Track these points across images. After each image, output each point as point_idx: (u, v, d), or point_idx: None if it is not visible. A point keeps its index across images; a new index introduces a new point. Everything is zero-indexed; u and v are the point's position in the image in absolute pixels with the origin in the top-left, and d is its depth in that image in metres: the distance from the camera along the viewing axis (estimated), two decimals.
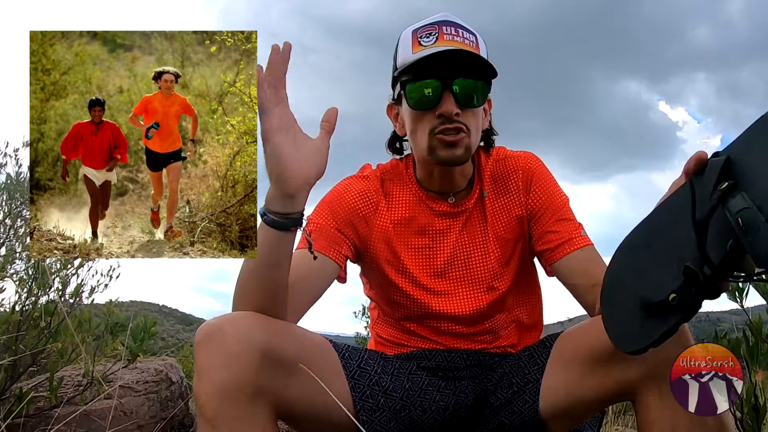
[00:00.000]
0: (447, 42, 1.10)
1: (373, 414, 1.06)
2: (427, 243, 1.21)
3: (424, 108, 1.12)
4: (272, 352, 0.92)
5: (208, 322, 0.93)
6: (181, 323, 35.20)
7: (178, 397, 2.33)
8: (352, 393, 1.06)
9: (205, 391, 0.87)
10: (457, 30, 1.13)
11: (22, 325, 1.81)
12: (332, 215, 1.19)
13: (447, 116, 1.10)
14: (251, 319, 0.93)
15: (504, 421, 1.09)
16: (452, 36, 1.11)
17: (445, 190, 1.23)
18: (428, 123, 1.13)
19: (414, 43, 1.13)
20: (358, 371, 1.09)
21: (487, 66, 1.11)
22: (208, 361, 0.89)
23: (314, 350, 1.04)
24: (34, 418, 1.77)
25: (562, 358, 1.06)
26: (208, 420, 0.87)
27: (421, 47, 1.11)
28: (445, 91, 1.10)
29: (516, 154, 1.27)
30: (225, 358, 0.88)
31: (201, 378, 0.88)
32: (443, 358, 1.19)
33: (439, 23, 1.13)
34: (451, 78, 1.10)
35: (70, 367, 2.07)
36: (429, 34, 1.12)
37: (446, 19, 1.14)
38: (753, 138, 0.72)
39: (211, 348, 0.89)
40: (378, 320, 1.31)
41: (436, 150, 1.13)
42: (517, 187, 1.23)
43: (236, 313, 0.95)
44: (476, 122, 1.15)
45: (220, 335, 0.89)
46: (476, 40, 1.14)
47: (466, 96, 1.11)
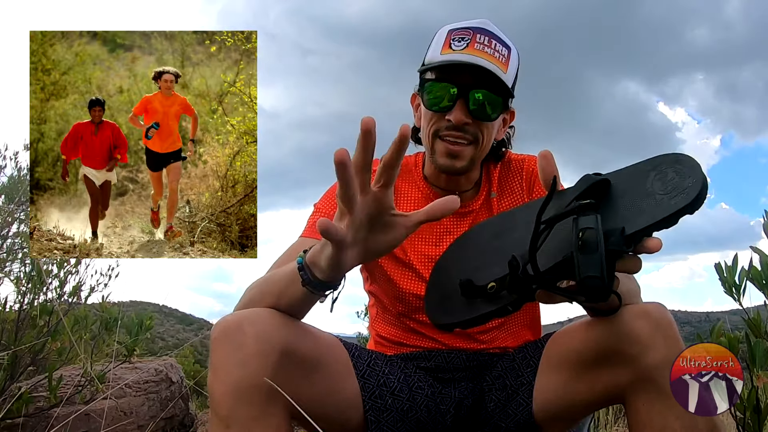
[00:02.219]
0: (476, 51, 1.09)
1: (381, 415, 1.06)
2: (433, 240, 1.21)
3: (436, 109, 1.12)
4: (290, 352, 0.90)
5: (225, 317, 0.90)
6: (181, 323, 35.21)
7: (178, 397, 2.33)
8: (362, 393, 1.05)
9: (220, 389, 0.85)
10: (491, 41, 1.11)
11: (21, 324, 1.81)
12: None
13: (456, 124, 1.10)
14: (270, 318, 0.90)
15: (499, 424, 1.09)
16: (483, 46, 1.10)
17: (451, 190, 1.23)
18: (437, 124, 1.13)
19: (446, 43, 1.13)
20: (368, 371, 1.08)
21: (504, 85, 1.10)
22: (225, 359, 0.86)
23: (328, 350, 1.02)
24: (33, 418, 1.77)
25: (552, 362, 1.06)
26: (222, 418, 0.84)
27: (450, 50, 1.11)
28: (460, 99, 1.10)
29: (520, 157, 1.28)
30: (243, 357, 0.85)
31: (217, 375, 0.85)
32: (443, 358, 1.19)
33: (475, 30, 1.12)
34: (469, 88, 1.09)
35: (70, 366, 2.08)
36: (462, 38, 1.12)
37: (483, 27, 1.13)
38: (638, 174, 0.73)
39: (228, 345, 0.86)
40: (377, 317, 1.31)
41: (436, 155, 1.14)
42: (520, 188, 1.24)
43: (255, 310, 0.91)
44: (488, 133, 1.14)
45: (239, 333, 0.86)
46: (508, 54, 1.13)
47: (479, 108, 1.10)
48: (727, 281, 1.05)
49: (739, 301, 1.09)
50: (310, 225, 1.16)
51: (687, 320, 33.04)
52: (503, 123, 1.22)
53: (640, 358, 0.88)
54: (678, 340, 0.88)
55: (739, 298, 1.09)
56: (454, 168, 1.13)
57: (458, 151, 1.12)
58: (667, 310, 0.91)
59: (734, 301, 1.12)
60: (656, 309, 0.90)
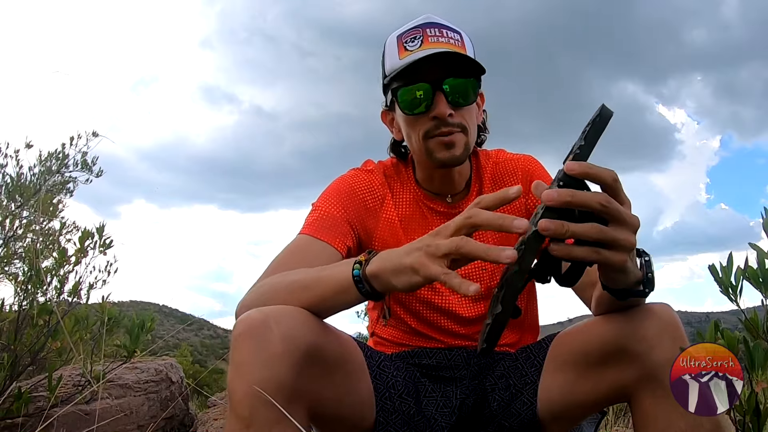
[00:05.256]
0: (432, 44, 1.10)
1: (390, 416, 1.06)
2: None
3: (417, 112, 1.12)
4: (315, 351, 0.87)
5: (249, 314, 0.86)
6: (181, 323, 35.21)
7: (179, 397, 2.33)
8: (375, 393, 1.05)
9: (242, 388, 0.81)
10: (441, 30, 1.12)
11: (20, 324, 1.81)
12: (342, 206, 1.19)
13: (441, 118, 1.10)
14: (298, 316, 0.88)
15: (503, 423, 1.09)
16: (437, 37, 1.11)
17: (443, 192, 1.23)
18: (423, 126, 1.13)
19: (400, 48, 1.13)
20: (378, 372, 1.08)
21: (475, 64, 1.11)
22: (249, 357, 0.82)
23: (348, 349, 1.01)
24: (33, 418, 1.77)
25: (557, 360, 1.06)
26: (242, 419, 0.81)
27: (407, 52, 1.11)
28: (436, 93, 1.10)
29: (515, 157, 1.28)
30: (268, 357, 0.81)
31: (239, 374, 0.82)
32: (444, 356, 1.19)
33: (423, 26, 1.13)
34: (441, 79, 1.09)
35: (69, 366, 2.08)
36: (413, 38, 1.12)
37: (429, 21, 1.14)
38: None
39: (253, 343, 0.82)
40: (378, 320, 1.31)
41: (433, 153, 1.13)
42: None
43: (281, 308, 0.88)
44: (471, 119, 1.15)
45: (265, 330, 0.83)
46: (461, 38, 1.14)
47: (457, 96, 1.11)
48: (723, 282, 1.04)
49: (736, 302, 1.09)
50: (309, 223, 1.16)
51: (687, 320, 33.08)
52: (477, 108, 1.22)
53: (646, 356, 0.88)
54: (684, 341, 0.89)
55: (736, 299, 1.08)
56: (453, 157, 1.13)
57: (453, 141, 1.12)
58: (673, 311, 0.92)
59: (731, 302, 1.11)
60: (663, 309, 0.91)
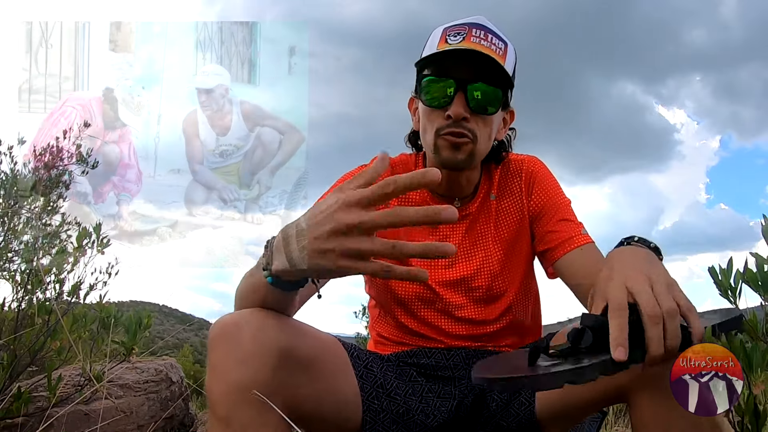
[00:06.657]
0: (472, 44, 1.09)
1: (377, 416, 1.06)
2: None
3: (435, 106, 1.11)
4: (289, 351, 0.89)
5: (223, 318, 0.89)
6: (181, 323, 35.17)
7: (178, 397, 2.33)
8: (361, 393, 1.05)
9: (218, 389, 0.84)
10: (486, 34, 1.11)
11: (20, 323, 1.81)
12: None
13: (455, 118, 1.09)
14: (267, 318, 0.90)
15: (501, 423, 1.09)
16: (480, 39, 1.10)
17: (451, 194, 1.22)
18: (437, 122, 1.12)
19: (442, 39, 1.12)
20: (365, 372, 1.08)
21: (504, 74, 1.10)
22: (223, 359, 0.85)
23: (327, 349, 1.02)
24: (33, 418, 1.76)
25: None
26: (221, 419, 0.83)
27: (446, 44, 1.10)
28: (458, 92, 1.09)
29: (519, 158, 1.27)
30: (241, 357, 0.84)
31: (215, 375, 0.84)
32: (443, 355, 1.19)
33: (470, 25, 1.12)
34: (467, 81, 1.09)
35: (69, 366, 2.07)
36: (457, 33, 1.11)
37: (478, 22, 1.13)
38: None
39: (226, 345, 0.85)
40: (378, 318, 1.31)
41: (440, 150, 1.12)
42: (519, 190, 1.23)
43: (251, 311, 0.90)
44: (486, 130, 1.13)
45: (237, 333, 0.86)
46: (505, 48, 1.12)
47: (478, 101, 1.09)
48: (722, 284, 1.04)
49: (735, 304, 1.08)
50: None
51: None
52: (503, 123, 1.21)
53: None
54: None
55: (735, 301, 1.08)
56: (455, 160, 1.12)
57: (459, 143, 1.11)
58: None
59: (730, 304, 1.11)
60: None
